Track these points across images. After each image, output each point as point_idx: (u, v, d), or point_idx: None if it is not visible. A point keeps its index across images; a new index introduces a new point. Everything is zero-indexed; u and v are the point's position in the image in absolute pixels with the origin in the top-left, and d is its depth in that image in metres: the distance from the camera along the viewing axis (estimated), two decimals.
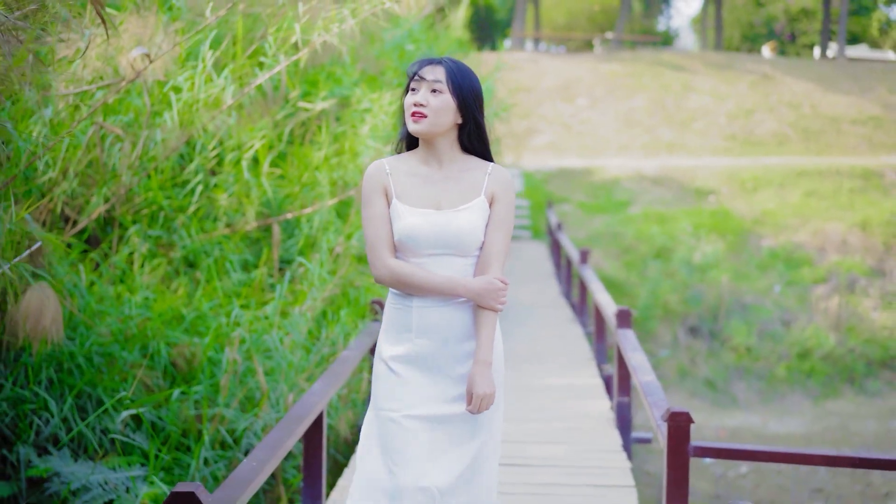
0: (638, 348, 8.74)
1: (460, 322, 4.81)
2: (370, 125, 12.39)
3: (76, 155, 9.59)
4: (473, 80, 4.85)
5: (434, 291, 4.76)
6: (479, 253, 4.85)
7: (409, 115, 4.76)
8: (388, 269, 4.78)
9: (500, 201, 4.86)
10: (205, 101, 10.67)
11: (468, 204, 4.81)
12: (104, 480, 7.82)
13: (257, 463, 5.43)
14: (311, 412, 6.55)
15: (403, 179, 4.85)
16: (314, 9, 10.14)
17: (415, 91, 4.77)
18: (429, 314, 4.80)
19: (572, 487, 8.18)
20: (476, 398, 4.66)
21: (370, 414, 4.95)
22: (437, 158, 4.86)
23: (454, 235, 4.76)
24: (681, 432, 6.22)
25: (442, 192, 4.84)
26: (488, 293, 4.71)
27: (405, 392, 4.79)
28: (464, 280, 4.76)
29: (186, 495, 4.41)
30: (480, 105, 4.87)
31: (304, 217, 11.88)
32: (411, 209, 4.79)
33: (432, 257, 4.80)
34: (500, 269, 4.81)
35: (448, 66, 4.78)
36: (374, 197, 4.84)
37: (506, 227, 4.87)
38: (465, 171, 4.87)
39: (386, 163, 4.90)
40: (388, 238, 4.81)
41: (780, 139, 38.99)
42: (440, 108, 4.74)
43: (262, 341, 9.76)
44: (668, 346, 24.39)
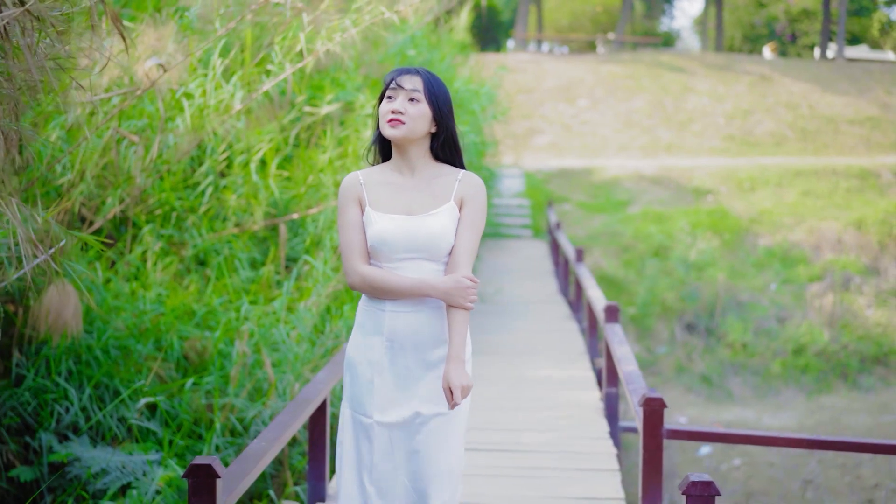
0: (624, 342, 9.25)
1: (431, 328, 4.92)
2: (373, 129, 12.67)
3: (93, 158, 9.89)
4: (446, 91, 5.00)
5: (404, 294, 4.87)
6: (448, 258, 4.95)
7: (385, 121, 4.87)
8: (359, 276, 4.90)
9: (468, 205, 4.96)
10: (215, 106, 10.97)
11: (438, 209, 4.92)
12: (122, 464, 8.24)
13: (266, 442, 5.91)
14: (316, 398, 7.01)
15: (377, 188, 4.98)
16: (318, 19, 10.55)
17: (392, 99, 4.88)
18: (400, 319, 4.92)
19: (560, 471, 8.67)
20: (456, 390, 4.74)
21: (344, 409, 5.09)
22: (410, 166, 4.98)
23: (425, 239, 4.87)
24: (655, 416, 6.74)
25: (413, 199, 4.95)
26: (457, 291, 4.80)
27: (378, 399, 4.93)
28: (432, 280, 4.85)
29: (204, 467, 4.84)
30: (452, 114, 5.01)
31: (310, 217, 12.09)
32: (383, 215, 4.91)
33: (404, 261, 4.90)
34: (468, 269, 4.90)
35: (424, 76, 4.91)
36: (348, 206, 4.98)
37: (474, 228, 4.96)
38: (435, 178, 4.99)
39: (360, 174, 5.05)
40: (360, 245, 4.93)
41: (777, 139, 38.93)
42: (417, 116, 4.86)
43: (269, 335, 10.04)
44: (666, 343, 24.55)
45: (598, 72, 45.21)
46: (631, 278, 26.07)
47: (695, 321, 25.22)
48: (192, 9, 10.33)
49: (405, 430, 4.91)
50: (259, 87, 11.33)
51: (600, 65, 46.73)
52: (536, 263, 24.49)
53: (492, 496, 7.88)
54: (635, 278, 26.08)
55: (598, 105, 42.08)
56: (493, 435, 9.66)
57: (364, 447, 4.96)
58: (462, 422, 5.00)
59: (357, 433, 4.98)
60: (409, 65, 17.06)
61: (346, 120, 13.41)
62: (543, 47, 64.03)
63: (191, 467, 4.88)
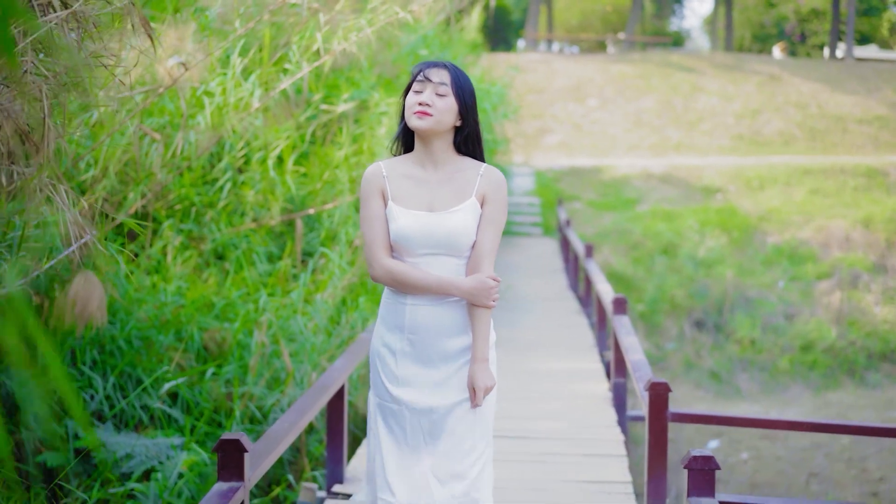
0: (632, 332, 9.51)
1: (451, 320, 4.93)
2: (387, 127, 12.87)
3: (115, 155, 10.19)
4: (471, 86, 5.01)
5: (427, 291, 4.88)
6: (470, 252, 4.97)
7: (411, 112, 4.88)
8: (383, 269, 4.91)
9: (491, 201, 4.96)
10: (234, 104, 11.19)
11: (460, 206, 4.93)
12: (146, 449, 8.52)
13: (288, 424, 6.22)
14: (334, 384, 7.32)
15: (399, 182, 4.97)
16: (334, 19, 10.80)
17: (419, 91, 4.89)
18: (421, 312, 4.92)
19: (569, 456, 8.96)
20: (479, 391, 4.85)
21: (373, 400, 5.14)
22: (433, 159, 4.98)
23: (446, 236, 4.88)
24: (660, 400, 7.02)
25: (435, 194, 4.96)
26: (480, 291, 4.83)
27: (403, 388, 4.96)
28: (456, 280, 4.87)
29: (233, 442, 5.13)
30: (476, 109, 5.02)
31: (326, 212, 12.32)
32: (405, 211, 4.91)
33: (426, 257, 4.91)
34: (490, 267, 4.92)
35: (451, 70, 4.92)
36: (372, 199, 4.97)
37: (496, 226, 4.97)
38: (458, 172, 4.99)
39: (383, 165, 5.04)
40: (384, 238, 4.94)
41: (786, 139, 38.96)
42: (444, 109, 4.87)
43: (287, 325, 10.27)
44: (675, 339, 24.70)
45: (607, 72, 45.26)
46: (640, 275, 26.19)
47: (703, 318, 25.35)
48: (212, 9, 10.58)
49: (433, 416, 4.94)
50: (277, 85, 11.55)
51: (610, 65, 46.76)
52: (546, 260, 24.65)
53: (505, 479, 8.13)
54: (644, 275, 26.20)
55: (607, 105, 42.17)
56: (505, 423, 9.90)
57: (397, 433, 4.98)
58: (489, 409, 5.04)
59: (387, 421, 5.01)
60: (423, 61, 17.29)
61: (361, 118, 13.61)
62: (554, 47, 64.03)
63: (220, 442, 5.15)
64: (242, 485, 5.13)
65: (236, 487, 5.07)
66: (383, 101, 13.29)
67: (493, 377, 4.89)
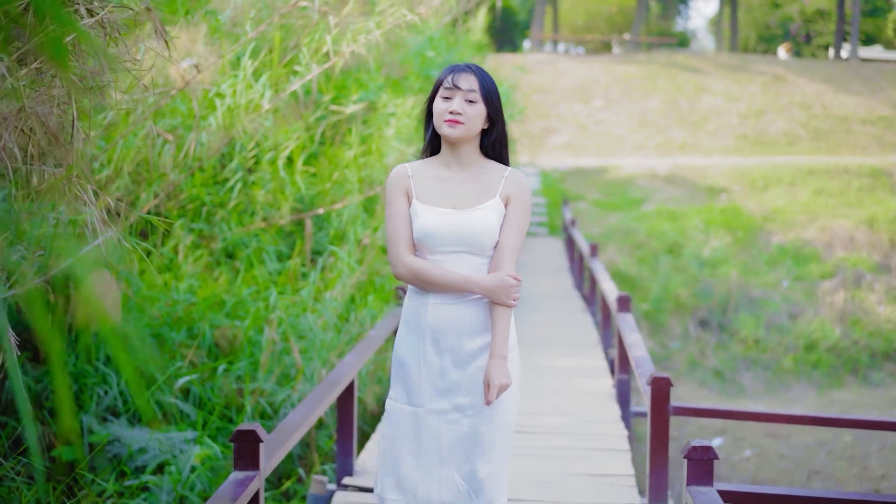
0: (635, 330, 9.70)
1: (473, 319, 4.97)
2: (395, 128, 13.03)
3: (129, 155, 10.36)
4: (497, 88, 5.03)
5: (449, 288, 4.92)
6: (493, 252, 4.99)
7: (442, 120, 4.92)
8: (406, 267, 4.94)
9: (514, 203, 4.99)
10: (245, 105, 11.33)
11: (484, 204, 4.96)
12: (160, 443, 8.71)
13: (300, 416, 6.40)
14: (344, 379, 7.49)
15: (424, 181, 5.02)
16: (343, 21, 10.97)
17: (449, 99, 4.92)
18: (443, 311, 4.97)
19: (574, 450, 9.14)
20: (493, 388, 4.80)
21: (392, 403, 5.15)
22: (459, 162, 5.03)
23: (469, 234, 4.91)
24: (661, 394, 7.20)
25: (460, 193, 5.00)
26: (501, 290, 4.85)
27: (424, 387, 5.00)
28: (478, 277, 4.89)
29: (249, 432, 5.28)
30: (502, 112, 5.06)
31: (335, 212, 12.47)
32: (430, 208, 4.95)
33: (449, 254, 4.94)
34: (512, 267, 4.92)
35: (479, 76, 4.94)
36: (396, 198, 5.01)
37: (519, 227, 4.99)
38: (483, 174, 5.03)
39: (409, 166, 5.08)
40: (407, 237, 4.97)
41: (790, 139, 39.05)
42: (474, 116, 4.92)
43: (297, 323, 10.43)
44: (679, 338, 24.82)
45: (613, 72, 45.34)
46: (645, 275, 26.33)
47: (708, 317, 25.47)
48: (224, 13, 10.74)
49: (452, 416, 4.99)
50: (287, 87, 11.72)
51: (615, 65, 46.84)
52: (552, 260, 24.79)
53: (511, 473, 8.25)
54: (649, 275, 26.34)
55: (612, 105, 42.28)
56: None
57: (413, 436, 5.01)
58: (509, 409, 5.06)
59: (406, 424, 5.04)
60: (430, 66, 17.43)
61: (370, 119, 13.76)
62: (559, 48, 64.07)
63: (237, 433, 5.31)
64: (258, 473, 5.29)
65: (252, 476, 5.23)
66: (391, 102, 13.44)
67: (509, 375, 4.86)
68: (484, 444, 4.98)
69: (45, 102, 3.98)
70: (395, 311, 10.13)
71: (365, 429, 10.56)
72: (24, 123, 3.86)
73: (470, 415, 4.98)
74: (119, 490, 8.12)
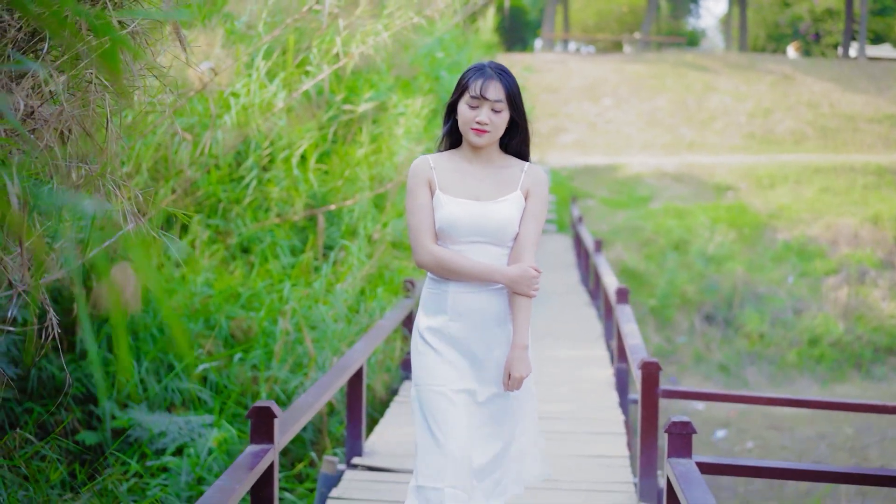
0: (631, 320, 10.13)
1: (493, 307, 5.07)
2: (404, 127, 13.39)
3: (148, 153, 10.76)
4: (519, 89, 5.12)
5: (472, 277, 5.00)
6: (513, 243, 5.10)
7: (468, 128, 5.01)
8: (430, 255, 5.03)
9: (534, 196, 5.14)
10: (259, 105, 11.73)
11: (505, 197, 5.08)
12: (179, 428, 9.11)
13: (312, 398, 6.84)
14: (353, 364, 7.93)
15: (446, 173, 5.12)
16: (353, 24, 11.34)
17: (476, 108, 4.99)
18: (463, 298, 5.05)
19: (573, 434, 9.58)
20: (513, 380, 4.95)
21: (414, 392, 5.19)
22: (480, 157, 5.15)
23: (492, 225, 5.02)
24: (651, 378, 7.65)
25: (481, 185, 5.11)
26: (523, 280, 4.97)
27: (447, 368, 5.06)
28: (500, 267, 5.01)
29: (265, 409, 5.69)
30: (524, 112, 5.15)
31: (346, 208, 12.84)
32: (453, 199, 5.04)
33: (470, 244, 5.04)
34: (532, 258, 5.07)
35: (505, 82, 5.01)
36: (419, 188, 5.10)
37: (538, 219, 5.14)
38: (503, 168, 5.15)
39: (430, 158, 5.18)
40: (430, 226, 5.05)
41: (797, 137, 39.15)
42: (500, 125, 5.04)
43: (309, 314, 10.80)
44: (685, 333, 25.18)
45: (622, 71, 45.45)
46: (652, 271, 26.61)
47: (713, 312, 25.77)
48: (240, 18, 11.14)
49: (476, 399, 5.08)
50: (299, 87, 12.08)
51: (625, 64, 46.96)
52: (560, 256, 25.04)
53: None
54: (656, 271, 26.63)
55: (622, 104, 42.43)
56: None
57: (440, 417, 5.03)
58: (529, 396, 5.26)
59: (432, 406, 5.06)
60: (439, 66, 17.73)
61: (380, 118, 14.10)
62: (570, 47, 64.08)
63: (253, 409, 5.73)
64: (272, 447, 5.68)
65: (267, 449, 5.63)
66: (401, 102, 13.78)
67: (529, 366, 5.00)
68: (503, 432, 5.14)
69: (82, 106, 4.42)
70: (404, 303, 10.63)
71: (374, 415, 10.90)
72: (63, 125, 4.29)
73: (492, 401, 5.10)
74: (140, 471, 8.49)
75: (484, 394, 5.09)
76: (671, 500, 5.73)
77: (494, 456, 5.10)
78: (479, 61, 5.26)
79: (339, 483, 8.08)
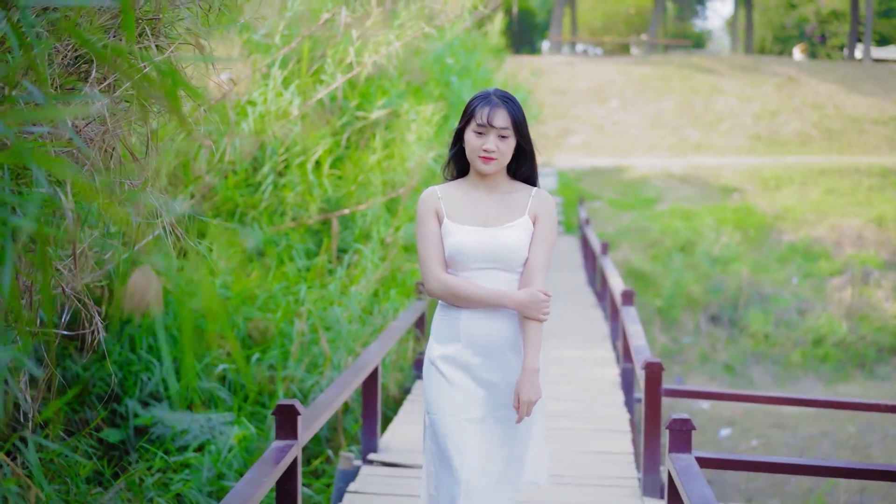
0: (636, 321, 10.45)
1: (505, 333, 5.06)
2: (416, 134, 13.66)
3: (167, 159, 11.06)
4: (524, 116, 5.13)
5: (482, 303, 5.00)
6: (522, 268, 5.08)
7: (476, 156, 5.03)
8: (440, 283, 5.04)
9: (542, 220, 5.10)
10: (275, 112, 12.00)
11: (513, 222, 5.07)
12: (200, 425, 9.41)
13: (332, 396, 7.17)
14: (369, 364, 8.27)
15: (454, 201, 5.14)
16: (366, 34, 11.64)
17: (482, 135, 5.01)
18: (476, 325, 5.06)
19: (580, 431, 9.93)
20: (524, 404, 4.89)
21: (427, 420, 5.21)
22: (487, 184, 5.16)
23: (501, 250, 5.01)
24: (654, 377, 7.98)
25: (489, 212, 5.11)
26: (532, 304, 4.93)
27: (461, 397, 5.06)
28: (510, 292, 4.98)
29: (288, 406, 6.01)
30: (529, 135, 5.17)
31: (359, 212, 13.06)
32: (461, 227, 5.05)
33: (480, 271, 5.04)
34: (542, 282, 5.03)
35: (510, 109, 5.03)
36: (427, 218, 5.12)
37: (547, 243, 5.09)
38: (511, 194, 5.15)
39: (438, 188, 5.19)
40: (439, 255, 5.07)
41: (803, 139, 39.41)
42: (507, 152, 5.05)
43: (325, 315, 11.09)
44: (691, 333, 25.48)
45: (629, 73, 45.76)
46: (658, 272, 26.91)
47: (719, 313, 26.07)
48: (258, 32, 11.44)
49: (485, 424, 5.06)
50: (314, 94, 12.42)
51: (631, 66, 47.24)
52: (567, 257, 25.26)
53: None
54: (662, 272, 26.92)
55: (628, 106, 42.75)
56: None
57: (452, 446, 5.04)
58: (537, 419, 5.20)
59: (447, 434, 5.07)
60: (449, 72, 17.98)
61: (392, 125, 14.38)
62: (577, 49, 64.15)
63: (278, 407, 6.03)
64: (296, 442, 5.98)
65: (291, 444, 5.93)
66: (413, 109, 14.04)
67: (539, 390, 4.96)
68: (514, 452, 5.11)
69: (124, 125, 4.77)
70: (416, 305, 10.97)
71: (388, 413, 11.20)
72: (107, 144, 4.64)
73: (501, 423, 5.08)
74: (163, 466, 8.79)
75: (497, 417, 5.09)
76: (672, 493, 6.04)
77: (499, 473, 5.08)
78: (484, 89, 5.23)
79: (356, 478, 8.40)
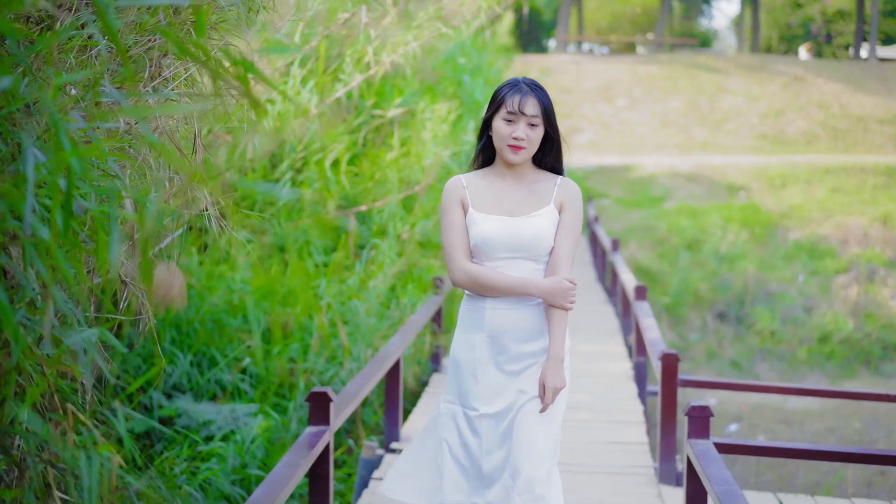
0: (650, 315, 10.70)
1: (529, 323, 4.98)
2: (431, 132, 13.89)
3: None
4: (552, 104, 5.07)
5: (507, 292, 4.92)
6: (548, 257, 4.99)
7: (505, 144, 4.95)
8: (464, 273, 4.97)
9: (568, 209, 5.01)
10: (294, 111, 12.29)
11: (539, 211, 4.99)
12: (224, 416, 9.64)
13: (358, 385, 7.41)
14: (391, 356, 8.51)
15: (479, 191, 5.06)
16: (383, 33, 11.86)
17: (512, 122, 4.93)
18: (500, 314, 4.99)
19: (594, 422, 10.17)
20: (549, 391, 4.82)
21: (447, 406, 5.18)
22: (513, 173, 5.08)
23: (526, 240, 4.94)
24: (671, 368, 8.23)
25: (515, 201, 5.03)
26: (558, 292, 4.84)
27: (481, 389, 5.01)
28: (536, 281, 4.90)
29: (321, 394, 6.23)
30: (557, 125, 5.10)
31: (376, 209, 13.31)
32: (486, 216, 4.98)
33: (506, 260, 4.96)
34: (568, 271, 4.94)
35: (540, 97, 4.96)
36: (452, 208, 5.05)
37: (573, 232, 5.00)
38: (536, 183, 5.07)
39: (463, 178, 5.13)
40: (464, 245, 5.00)
41: (809, 138, 39.51)
42: (536, 140, 4.97)
43: (344, 309, 11.30)
44: (698, 331, 25.70)
45: (635, 72, 45.95)
46: (665, 269, 27.14)
47: (725, 310, 26.30)
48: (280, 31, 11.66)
49: (507, 417, 4.98)
50: (332, 93, 12.64)
51: (638, 66, 47.43)
52: (577, 255, 25.20)
53: None
54: (669, 269, 27.14)
55: (635, 105, 42.94)
56: None
57: (470, 440, 5.05)
58: (559, 411, 5.02)
59: (463, 427, 5.08)
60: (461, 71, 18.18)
61: (408, 123, 14.63)
62: (584, 48, 64.28)
63: (311, 394, 6.25)
64: (329, 428, 6.20)
65: (324, 430, 6.16)
66: (428, 107, 14.26)
67: (564, 379, 4.89)
68: (535, 445, 4.92)
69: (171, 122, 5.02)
70: (433, 299, 11.20)
71: (406, 405, 11.44)
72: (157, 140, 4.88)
73: (520, 415, 4.95)
74: (191, 455, 9.02)
75: (518, 401, 4.97)
76: (691, 477, 6.25)
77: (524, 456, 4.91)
78: (513, 77, 5.15)
79: (379, 465, 8.64)
